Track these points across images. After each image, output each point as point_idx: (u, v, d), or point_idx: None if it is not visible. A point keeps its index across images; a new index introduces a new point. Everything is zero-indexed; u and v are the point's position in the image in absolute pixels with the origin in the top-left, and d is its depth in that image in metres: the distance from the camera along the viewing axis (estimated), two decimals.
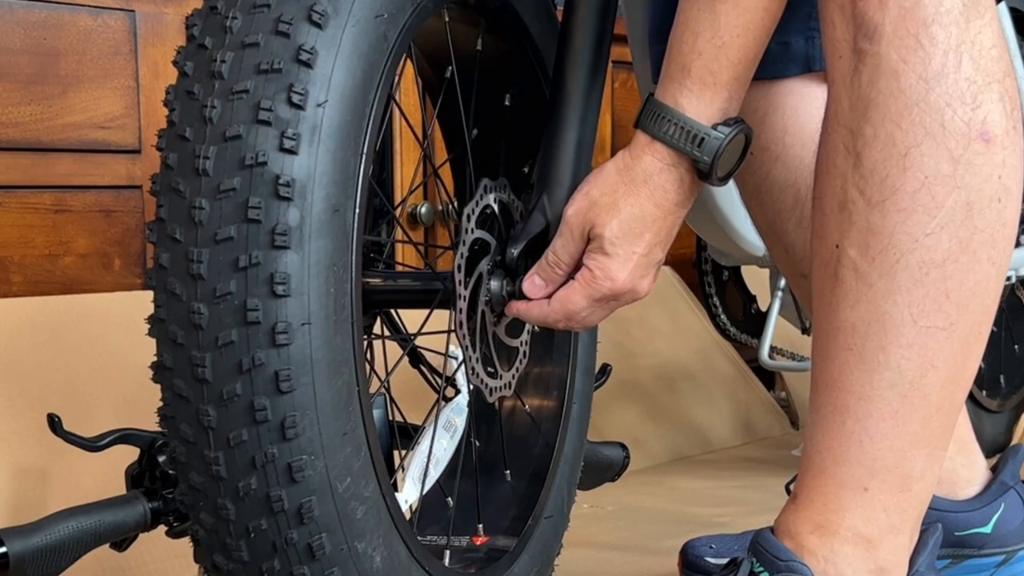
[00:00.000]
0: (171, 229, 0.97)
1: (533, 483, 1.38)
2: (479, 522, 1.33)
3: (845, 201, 1.07)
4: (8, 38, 1.81)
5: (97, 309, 1.74)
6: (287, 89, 0.97)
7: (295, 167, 0.96)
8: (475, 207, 1.21)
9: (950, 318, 1.06)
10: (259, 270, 0.95)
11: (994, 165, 1.06)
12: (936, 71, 1.04)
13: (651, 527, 1.80)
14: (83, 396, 1.62)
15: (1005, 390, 2.37)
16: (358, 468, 1.02)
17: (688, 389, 2.53)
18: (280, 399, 0.96)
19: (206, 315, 0.95)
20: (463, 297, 1.18)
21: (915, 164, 1.05)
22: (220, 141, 0.96)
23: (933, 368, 1.07)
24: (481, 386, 1.23)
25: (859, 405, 1.08)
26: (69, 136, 1.87)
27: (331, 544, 1.00)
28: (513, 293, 1.22)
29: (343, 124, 0.99)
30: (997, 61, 1.06)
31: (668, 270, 2.75)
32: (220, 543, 1.01)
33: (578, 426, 1.45)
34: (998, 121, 1.05)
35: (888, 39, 1.05)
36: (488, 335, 1.24)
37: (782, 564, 1.08)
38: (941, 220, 1.05)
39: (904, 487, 1.09)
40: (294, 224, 0.96)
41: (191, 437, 0.98)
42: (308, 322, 0.96)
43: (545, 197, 1.23)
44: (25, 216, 1.83)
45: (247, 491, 0.97)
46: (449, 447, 1.33)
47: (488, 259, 1.22)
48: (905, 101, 1.05)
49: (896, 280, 1.06)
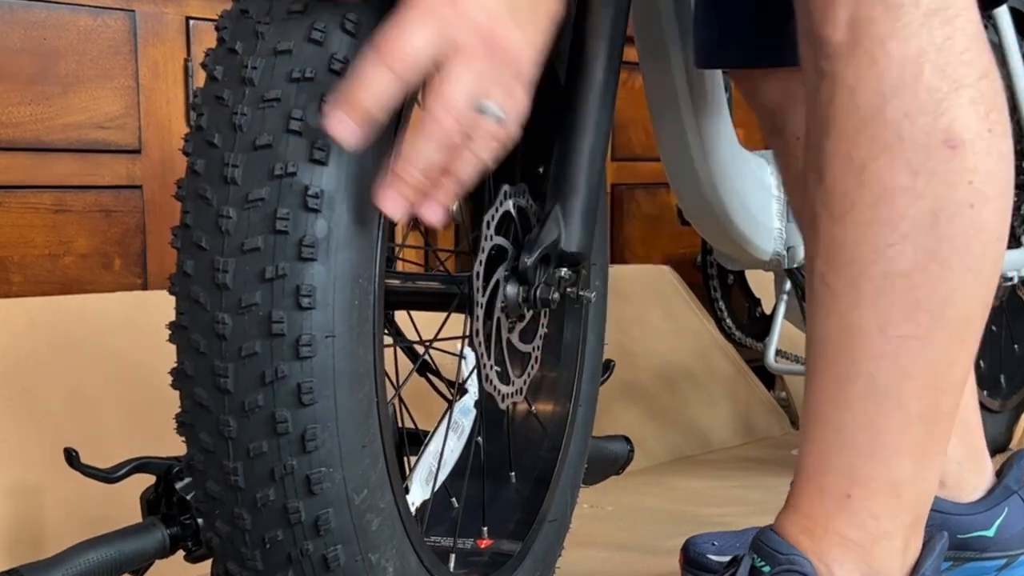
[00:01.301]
0: (197, 237, 0.96)
1: (538, 486, 1.38)
2: (484, 525, 1.33)
3: (813, 216, 1.09)
4: (8, 38, 1.81)
5: (97, 309, 1.73)
6: (319, 99, 0.95)
7: (324, 178, 0.95)
8: (495, 213, 1.20)
9: (922, 327, 1.06)
10: (285, 282, 0.94)
11: (962, 172, 1.05)
12: (892, 84, 1.04)
13: (651, 527, 1.80)
14: (83, 396, 1.61)
15: (1006, 390, 2.37)
16: (375, 480, 1.02)
17: (688, 389, 2.53)
18: (302, 411, 0.95)
19: (230, 325, 0.94)
20: (480, 304, 1.17)
21: (872, 177, 1.05)
22: (250, 150, 0.95)
23: (908, 377, 1.07)
24: (494, 393, 1.22)
25: (835, 415, 1.10)
26: (69, 136, 1.87)
27: (346, 556, 1.00)
28: (528, 300, 1.22)
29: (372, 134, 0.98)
30: (969, 65, 1.06)
31: (668, 270, 2.75)
32: (235, 552, 1.00)
33: (583, 429, 1.45)
34: (967, 126, 1.05)
35: (844, 58, 1.06)
36: (502, 341, 1.23)
37: (783, 558, 1.10)
38: (904, 231, 1.05)
39: (892, 494, 1.10)
40: (321, 236, 0.95)
41: (210, 446, 0.97)
42: (332, 335, 0.96)
43: (559, 207, 1.23)
44: (25, 216, 1.83)
45: (264, 502, 0.97)
46: (456, 448, 1.33)
47: (505, 265, 1.21)
48: (861, 116, 1.05)
49: (861, 292, 1.07)
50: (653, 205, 2.78)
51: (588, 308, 1.43)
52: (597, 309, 1.46)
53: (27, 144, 1.83)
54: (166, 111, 2.00)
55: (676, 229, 2.72)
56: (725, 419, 2.54)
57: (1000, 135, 1.07)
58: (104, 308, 1.73)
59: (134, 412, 1.60)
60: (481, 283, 1.17)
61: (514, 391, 1.27)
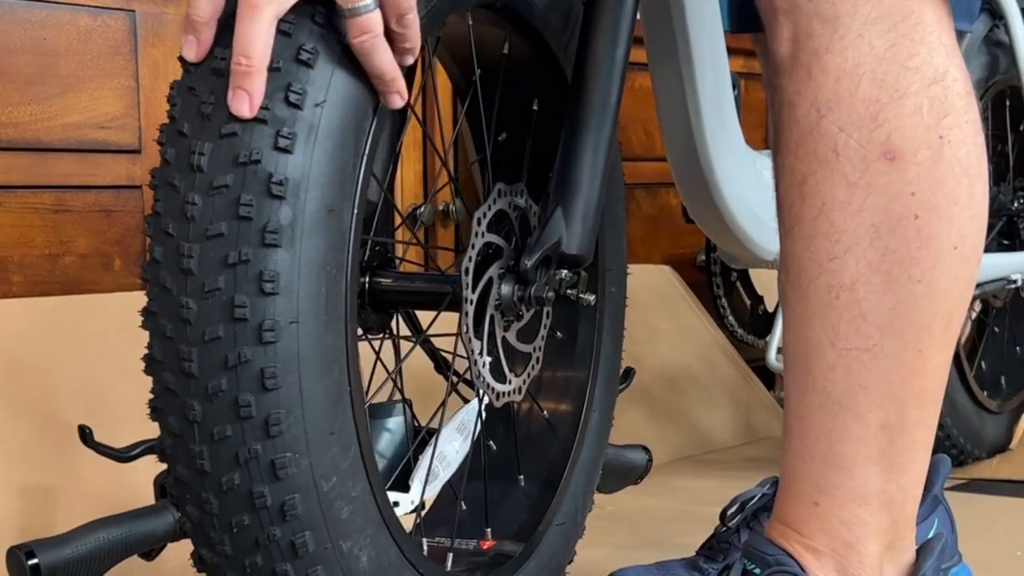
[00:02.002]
0: (165, 224, 0.97)
1: (546, 489, 1.38)
2: (488, 526, 1.33)
3: (777, 228, 1.11)
4: (8, 38, 1.82)
5: (97, 309, 1.75)
6: (285, 88, 0.97)
7: (289, 166, 0.96)
8: (487, 211, 1.21)
9: (871, 339, 1.06)
10: (248, 267, 0.95)
11: (902, 183, 1.04)
12: (827, 99, 1.04)
13: (652, 526, 1.79)
14: (83, 396, 1.63)
15: (1006, 391, 2.36)
16: (345, 467, 1.02)
17: (689, 389, 2.51)
18: (265, 396, 0.96)
19: (194, 310, 0.96)
20: (470, 301, 1.18)
21: (812, 192, 1.06)
22: (216, 138, 0.97)
23: (862, 389, 1.07)
24: (487, 391, 1.23)
25: (798, 425, 1.11)
26: (69, 136, 1.88)
27: (315, 542, 1.01)
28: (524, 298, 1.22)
29: (342, 125, 0.99)
30: (916, 71, 1.04)
31: (668, 270, 2.74)
32: (205, 537, 1.02)
33: (597, 434, 1.44)
34: (909, 136, 1.04)
35: (786, 72, 1.07)
36: (497, 340, 1.24)
37: (771, 559, 1.12)
38: (844, 244, 1.05)
39: (859, 502, 1.10)
40: (285, 223, 0.96)
41: (177, 430, 0.99)
42: (296, 320, 0.97)
43: (561, 208, 1.23)
44: (25, 216, 1.84)
45: (230, 486, 0.98)
46: (462, 449, 1.32)
47: (500, 264, 1.21)
48: (800, 131, 1.06)
49: (810, 304, 1.08)
50: (653, 205, 2.76)
51: (603, 311, 1.43)
52: (613, 313, 1.45)
53: (27, 144, 1.84)
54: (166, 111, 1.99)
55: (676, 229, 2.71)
56: (726, 419, 2.52)
57: (956, 141, 1.05)
58: (104, 308, 1.75)
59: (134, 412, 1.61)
60: (470, 280, 1.18)
61: (511, 390, 1.27)
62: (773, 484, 1.43)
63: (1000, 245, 2.28)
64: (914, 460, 1.12)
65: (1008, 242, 2.30)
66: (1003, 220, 2.28)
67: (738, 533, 1.42)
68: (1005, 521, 1.86)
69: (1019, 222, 2.28)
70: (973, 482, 2.11)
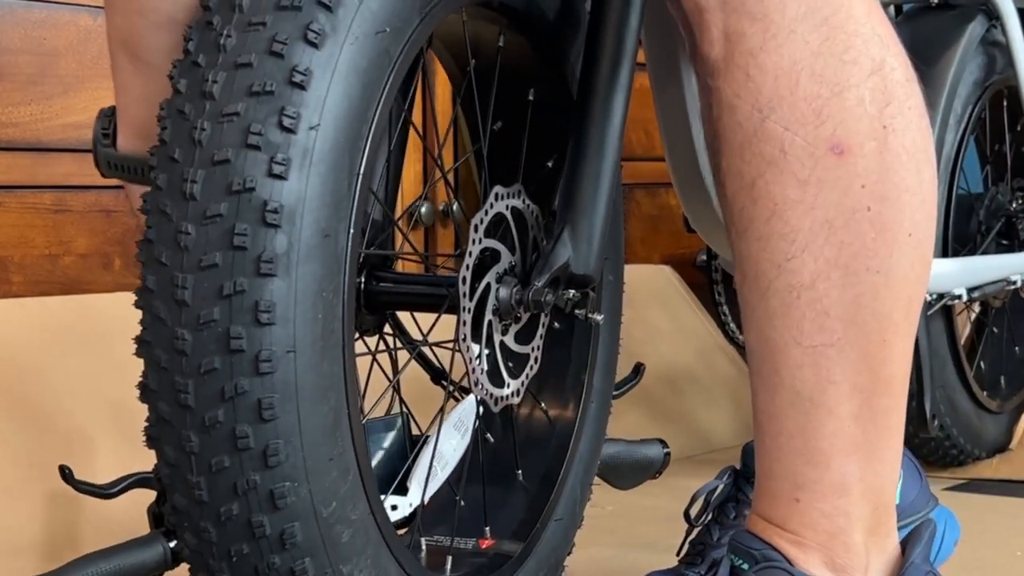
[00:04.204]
0: (158, 252, 0.96)
1: (544, 485, 1.37)
2: (487, 524, 1.32)
3: (728, 232, 1.10)
4: (8, 38, 1.81)
5: (97, 309, 1.74)
6: (279, 112, 0.95)
7: (284, 193, 0.94)
8: (484, 216, 1.19)
9: (835, 334, 1.06)
10: (244, 298, 0.94)
11: (852, 176, 1.04)
12: (769, 99, 1.03)
13: (653, 526, 1.79)
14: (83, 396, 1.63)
15: (1005, 391, 2.36)
16: (345, 492, 1.01)
17: (689, 389, 2.51)
18: (263, 427, 0.95)
19: (190, 341, 0.95)
20: (467, 309, 1.16)
21: (763, 194, 1.05)
22: (208, 165, 0.95)
23: (831, 383, 1.07)
24: (485, 396, 1.22)
25: (769, 424, 1.11)
26: (69, 136, 1.87)
27: (315, 568, 1.00)
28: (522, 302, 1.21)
29: (337, 146, 0.98)
30: (854, 63, 1.04)
31: (668, 270, 2.73)
32: (204, 565, 1.01)
33: (595, 426, 1.43)
34: (853, 129, 1.03)
35: (722, 74, 1.05)
36: (495, 343, 1.22)
37: (757, 554, 1.12)
38: (801, 243, 1.05)
39: (840, 493, 1.10)
40: (281, 251, 0.94)
41: (174, 460, 0.98)
42: (293, 350, 0.95)
43: (568, 229, 1.21)
44: (25, 216, 1.84)
45: (229, 516, 0.97)
46: (459, 447, 1.32)
47: (497, 268, 1.20)
48: (744, 134, 1.05)
49: (770, 305, 1.07)
50: (653, 205, 2.75)
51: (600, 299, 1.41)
52: (611, 301, 1.44)
53: (27, 144, 1.84)
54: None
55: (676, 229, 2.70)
56: (726, 419, 2.52)
57: (901, 129, 1.05)
58: (104, 308, 1.75)
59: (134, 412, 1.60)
60: (468, 286, 1.16)
61: (509, 394, 1.25)
62: (731, 474, 1.43)
63: (999, 246, 2.28)
64: (888, 447, 1.12)
65: (1007, 242, 2.30)
66: (1002, 220, 2.28)
67: (709, 532, 1.42)
68: (1005, 521, 1.86)
69: (1018, 222, 2.28)
70: (973, 482, 2.12)
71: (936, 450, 2.15)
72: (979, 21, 2.13)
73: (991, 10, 2.12)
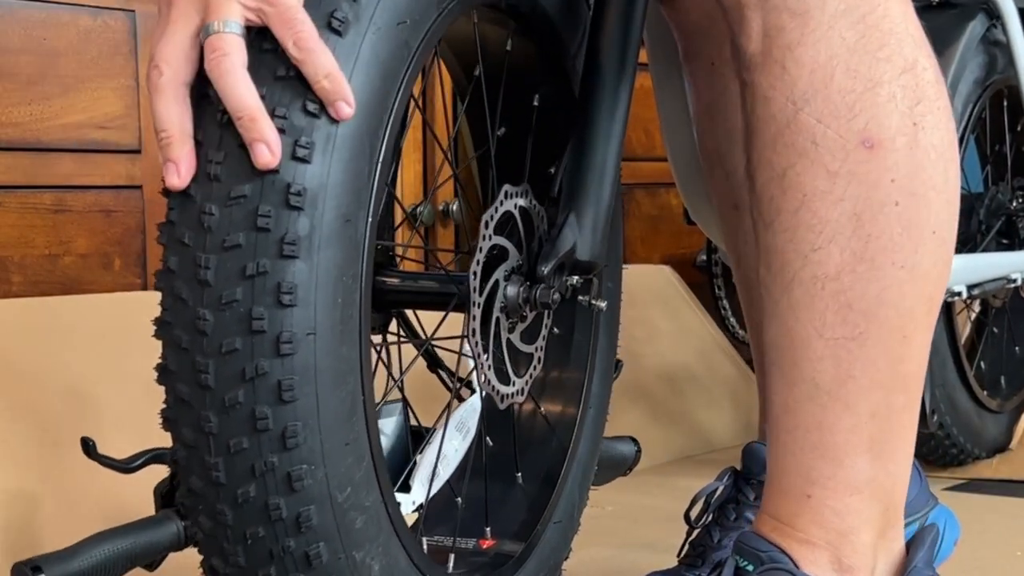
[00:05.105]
0: (180, 233, 0.96)
1: (544, 487, 1.38)
2: (487, 525, 1.33)
3: (752, 224, 1.11)
4: (8, 38, 1.81)
5: (97, 309, 1.74)
6: (303, 96, 0.96)
7: (307, 176, 0.95)
8: (494, 213, 1.20)
9: (858, 328, 1.07)
10: (266, 279, 0.94)
11: (882, 171, 1.05)
12: (803, 91, 1.05)
13: (653, 526, 1.79)
14: (83, 396, 1.62)
15: (1006, 391, 2.36)
16: (359, 478, 1.02)
17: (689, 389, 2.52)
18: (282, 409, 0.95)
19: (211, 321, 0.95)
20: (477, 304, 1.17)
21: (792, 184, 1.06)
22: (232, 147, 0.95)
23: (851, 378, 1.08)
24: (492, 393, 1.22)
25: (786, 418, 1.11)
26: (69, 136, 1.88)
27: (328, 553, 1.00)
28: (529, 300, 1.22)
29: (358, 133, 0.98)
30: (887, 61, 1.06)
31: (668, 270, 2.74)
32: (218, 547, 1.01)
33: (593, 429, 1.44)
34: (885, 124, 1.05)
35: (759, 68, 1.07)
36: (502, 341, 1.23)
37: (764, 555, 1.12)
38: (828, 235, 1.06)
39: (851, 491, 1.11)
40: (304, 233, 0.95)
41: (192, 441, 0.98)
42: (313, 332, 0.96)
43: (573, 215, 1.22)
44: (25, 216, 1.84)
45: (246, 498, 0.97)
46: (461, 447, 1.32)
47: (506, 265, 1.21)
48: (777, 126, 1.06)
49: (794, 296, 1.08)
50: (653, 205, 2.77)
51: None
52: (609, 309, 1.45)
53: (27, 144, 1.84)
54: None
55: (676, 229, 2.71)
56: (726, 419, 2.52)
57: (930, 127, 1.07)
58: (104, 308, 1.74)
59: (134, 412, 1.60)
60: (478, 283, 1.17)
61: (514, 391, 1.26)
62: (731, 475, 1.44)
63: (999, 244, 2.28)
64: (901, 446, 1.13)
65: (1007, 241, 2.30)
66: (1002, 219, 2.28)
67: (710, 533, 1.43)
68: (1005, 521, 1.87)
69: (1018, 221, 2.29)
70: (973, 482, 2.12)
71: (936, 449, 2.14)
72: (980, 20, 2.13)
73: (992, 9, 2.13)
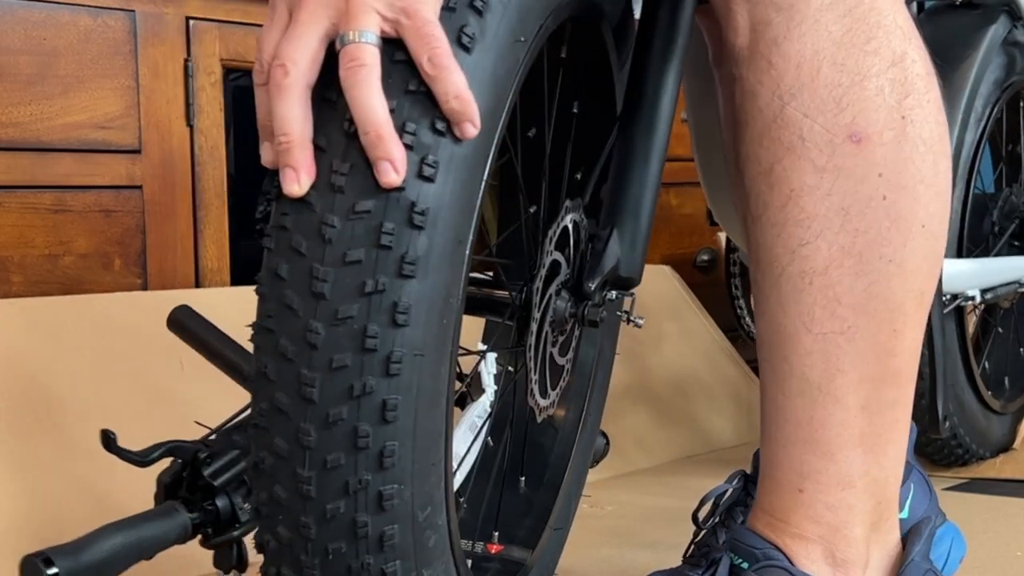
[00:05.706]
0: (296, 241, 0.93)
1: (547, 493, 1.38)
2: (495, 529, 1.33)
3: (743, 217, 1.12)
4: (8, 38, 1.79)
5: (97, 309, 1.72)
6: (432, 114, 0.94)
7: (431, 195, 0.93)
8: (556, 229, 1.19)
9: (847, 322, 1.08)
10: (383, 297, 0.92)
11: (870, 165, 1.06)
12: (790, 86, 1.05)
13: (654, 525, 1.80)
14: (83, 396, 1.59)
15: (1010, 392, 2.36)
16: (439, 498, 1.01)
17: (691, 388, 2.53)
18: (383, 428, 0.94)
19: (323, 335, 0.93)
20: (535, 319, 1.17)
21: (780, 179, 1.07)
22: (359, 159, 0.93)
23: (840, 372, 1.09)
24: (535, 407, 1.22)
25: (776, 413, 1.13)
26: (69, 136, 1.86)
27: (402, 570, 0.99)
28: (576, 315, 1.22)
29: (475, 153, 0.97)
30: (875, 54, 1.06)
31: (668, 270, 2.75)
32: (293, 558, 0.99)
33: (588, 436, 1.45)
34: (872, 118, 1.05)
35: (746, 62, 1.08)
36: (545, 355, 1.23)
37: (759, 552, 1.13)
38: (816, 230, 1.07)
39: (844, 485, 1.12)
40: (422, 253, 0.93)
41: (285, 452, 0.95)
42: (421, 353, 0.94)
43: (617, 231, 1.22)
44: (25, 216, 1.82)
45: (334, 514, 0.96)
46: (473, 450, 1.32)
47: (558, 280, 1.21)
48: (764, 120, 1.07)
49: (782, 291, 1.09)
50: None
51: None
52: (611, 319, 1.46)
53: (27, 144, 1.82)
54: (166, 111, 1.99)
55: (676, 229, 2.72)
56: (728, 418, 2.54)
57: (919, 121, 1.07)
58: (104, 308, 1.73)
59: (133, 412, 1.57)
60: (539, 297, 1.17)
61: (549, 404, 1.27)
62: (741, 478, 1.45)
63: (1011, 247, 2.26)
64: (893, 440, 1.13)
65: (1019, 244, 2.27)
66: (1016, 222, 2.25)
67: (715, 535, 1.45)
68: (1006, 521, 1.86)
69: None
70: (975, 481, 2.12)
71: (942, 449, 2.13)
72: (1002, 22, 2.10)
73: (1014, 11, 2.12)
